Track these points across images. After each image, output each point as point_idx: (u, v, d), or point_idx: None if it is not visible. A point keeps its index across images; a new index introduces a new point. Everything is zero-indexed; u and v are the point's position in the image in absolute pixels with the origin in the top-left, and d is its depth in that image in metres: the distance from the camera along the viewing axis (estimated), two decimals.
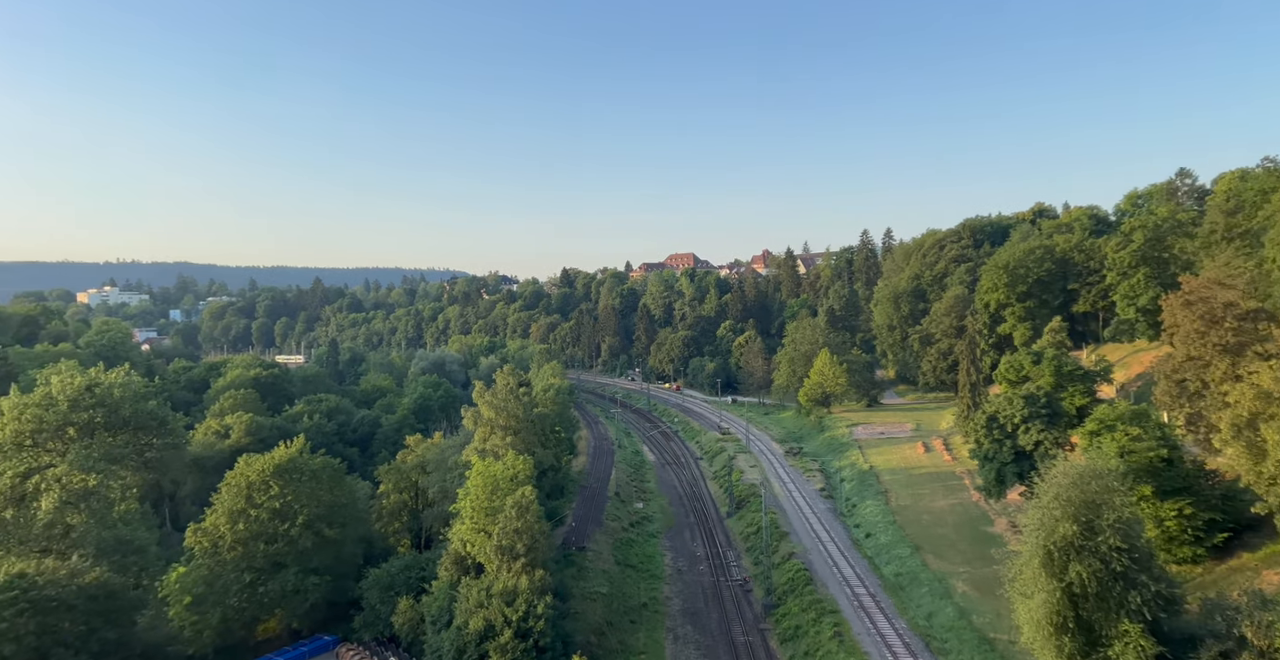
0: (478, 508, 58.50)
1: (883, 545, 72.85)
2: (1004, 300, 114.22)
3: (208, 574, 58.14)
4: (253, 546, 59.64)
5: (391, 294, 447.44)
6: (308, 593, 59.64)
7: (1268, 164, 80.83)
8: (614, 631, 61.66)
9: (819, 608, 60.12)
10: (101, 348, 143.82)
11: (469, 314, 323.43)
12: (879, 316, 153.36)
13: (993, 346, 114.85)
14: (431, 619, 54.23)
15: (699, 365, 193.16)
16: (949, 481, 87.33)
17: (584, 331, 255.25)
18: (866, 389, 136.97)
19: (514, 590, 50.13)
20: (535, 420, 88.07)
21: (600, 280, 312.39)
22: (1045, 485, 37.38)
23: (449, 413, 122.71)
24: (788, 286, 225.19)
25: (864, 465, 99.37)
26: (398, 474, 78.41)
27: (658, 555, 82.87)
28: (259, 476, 62.05)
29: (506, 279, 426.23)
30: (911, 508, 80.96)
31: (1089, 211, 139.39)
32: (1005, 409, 69.66)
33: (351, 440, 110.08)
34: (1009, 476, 69.55)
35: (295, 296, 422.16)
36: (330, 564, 63.06)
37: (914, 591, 61.62)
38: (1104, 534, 33.97)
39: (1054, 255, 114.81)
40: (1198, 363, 49.19)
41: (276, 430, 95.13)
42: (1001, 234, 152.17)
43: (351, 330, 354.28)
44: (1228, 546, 48.86)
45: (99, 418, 71.54)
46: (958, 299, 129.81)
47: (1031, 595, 35.62)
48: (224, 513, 60.59)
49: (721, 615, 65.63)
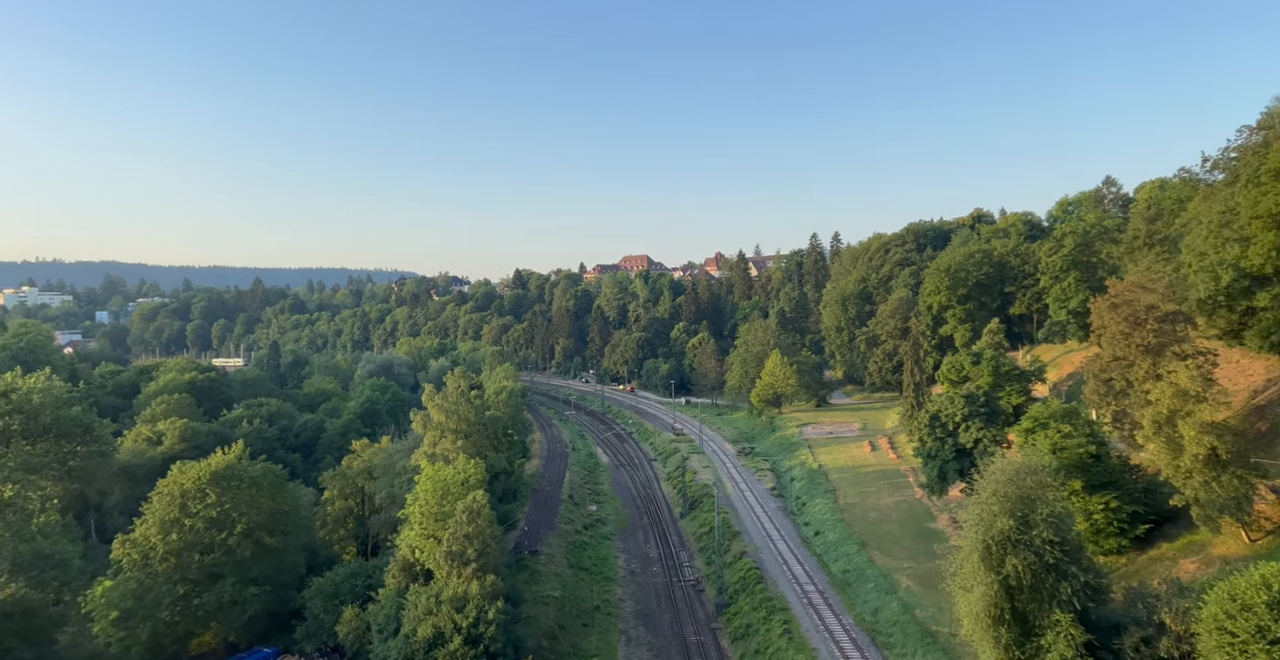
0: (427, 513, 57.38)
1: (831, 543, 74.43)
2: (945, 302, 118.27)
3: (137, 587, 55.66)
4: (187, 557, 57.33)
5: (337, 295, 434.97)
6: (246, 604, 57.57)
7: (1184, 174, 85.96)
8: (566, 635, 61.28)
9: (769, 606, 61.02)
10: (19, 351, 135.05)
11: (418, 316, 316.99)
12: (827, 318, 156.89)
13: (935, 347, 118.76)
14: (378, 627, 52.89)
15: (653, 367, 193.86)
16: (894, 479, 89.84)
17: (538, 333, 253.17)
18: (816, 389, 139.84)
19: (464, 596, 49.31)
20: (487, 423, 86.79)
21: (554, 282, 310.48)
22: (984, 482, 38.81)
23: (397, 417, 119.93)
24: (740, 289, 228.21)
25: (813, 464, 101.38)
26: (343, 480, 76.34)
27: (611, 557, 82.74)
28: (194, 484, 59.72)
29: (457, 280, 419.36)
30: (859, 505, 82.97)
31: (1024, 217, 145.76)
32: (947, 408, 72.10)
33: (294, 446, 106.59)
34: (951, 473, 71.99)
35: (234, 297, 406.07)
36: (271, 573, 61.08)
37: (861, 587, 63.16)
38: (1038, 528, 35.46)
39: (992, 259, 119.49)
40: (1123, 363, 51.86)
41: (214, 436, 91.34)
42: (943, 238, 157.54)
43: (294, 332, 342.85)
44: (1149, 537, 51.67)
45: (15, 425, 67.29)
46: (902, 301, 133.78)
47: (971, 588, 36.90)
48: (155, 523, 58.11)
49: (674, 616, 65.94)
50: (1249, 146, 58.41)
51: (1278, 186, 48.01)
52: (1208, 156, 69.64)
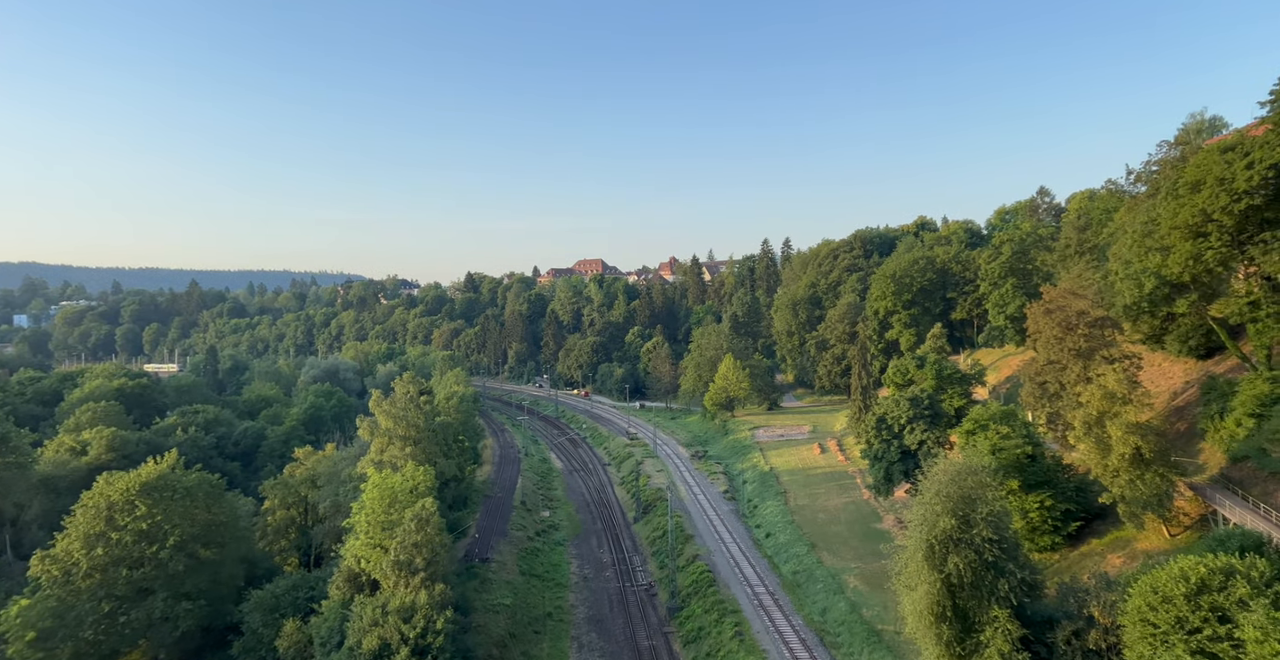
0: (374, 522, 55.85)
1: (782, 544, 75.47)
2: (891, 307, 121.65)
3: (57, 605, 52.43)
4: (113, 573, 54.33)
5: (279, 298, 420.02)
6: (178, 620, 54.96)
7: (1110, 186, 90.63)
8: (517, 643, 60.43)
9: (721, 608, 61.47)
10: None
11: (365, 320, 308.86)
12: (779, 323, 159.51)
13: (882, 351, 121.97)
14: (321, 641, 51.04)
15: (608, 371, 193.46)
16: (843, 481, 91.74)
17: (490, 338, 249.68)
18: (768, 393, 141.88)
19: (412, 606, 48.07)
20: (437, 430, 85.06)
21: (507, 285, 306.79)
22: (928, 482, 39.98)
23: (343, 423, 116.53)
24: (694, 293, 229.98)
25: (765, 467, 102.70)
26: (285, 488, 73.73)
27: (564, 563, 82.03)
28: (122, 496, 56.68)
29: (406, 283, 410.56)
30: (809, 507, 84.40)
31: (965, 225, 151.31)
32: (893, 410, 74.10)
33: (232, 454, 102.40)
34: (896, 475, 73.97)
35: (168, 301, 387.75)
36: (206, 587, 58.49)
37: (810, 588, 64.21)
38: (978, 527, 36.72)
39: (935, 266, 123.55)
40: (1056, 366, 54.18)
41: (145, 445, 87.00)
42: (889, 245, 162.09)
43: (234, 337, 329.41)
44: (1080, 534, 54.12)
45: None
46: (850, 306, 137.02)
47: (915, 587, 37.93)
48: (79, 537, 54.95)
49: (626, 621, 65.74)
50: (1168, 160, 61.95)
51: (1194, 199, 50.95)
52: (1132, 169, 73.48)
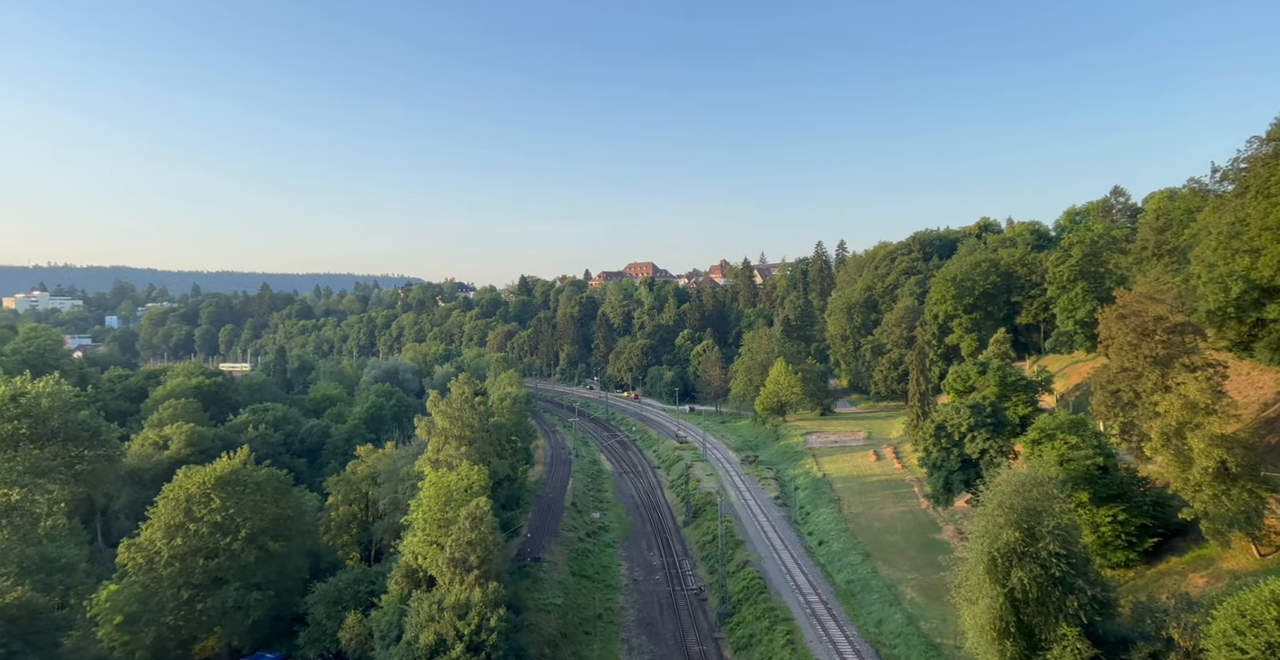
0: (430, 519, 57.35)
1: (835, 553, 74.01)
2: (952, 312, 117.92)
3: (141, 591, 55.62)
4: (191, 562, 57.27)
5: (343, 301, 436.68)
6: (250, 609, 57.44)
7: (1193, 185, 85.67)
8: (568, 643, 61.03)
9: (772, 616, 60.67)
10: (29, 355, 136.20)
11: (424, 321, 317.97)
12: (833, 326, 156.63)
13: (941, 356, 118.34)
14: (380, 634, 52.78)
15: (657, 374, 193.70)
16: (899, 489, 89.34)
17: (542, 340, 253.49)
18: (820, 398, 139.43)
19: (466, 603, 49.16)
20: (491, 430, 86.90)
21: (559, 288, 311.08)
22: (990, 493, 38.59)
23: (402, 422, 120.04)
24: (745, 296, 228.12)
25: (818, 473, 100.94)
26: (347, 485, 76.34)
27: (614, 565, 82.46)
28: (199, 489, 59.73)
29: (463, 286, 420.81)
30: (863, 515, 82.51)
31: (1031, 227, 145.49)
32: (953, 418, 71.76)
33: (299, 451, 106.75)
34: (956, 484, 71.56)
35: (241, 303, 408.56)
36: (274, 579, 61.01)
37: (865, 598, 62.74)
38: (1044, 540, 35.22)
39: (999, 269, 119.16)
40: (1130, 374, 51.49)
41: (219, 441, 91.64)
42: (949, 247, 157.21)
43: (301, 338, 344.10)
44: (1157, 551, 51.21)
45: (24, 429, 67.79)
46: (908, 310, 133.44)
47: (976, 601, 36.64)
48: (161, 527, 58.12)
49: (676, 625, 65.60)
50: (1259, 157, 58.20)
51: None
52: (1217, 167, 69.35)
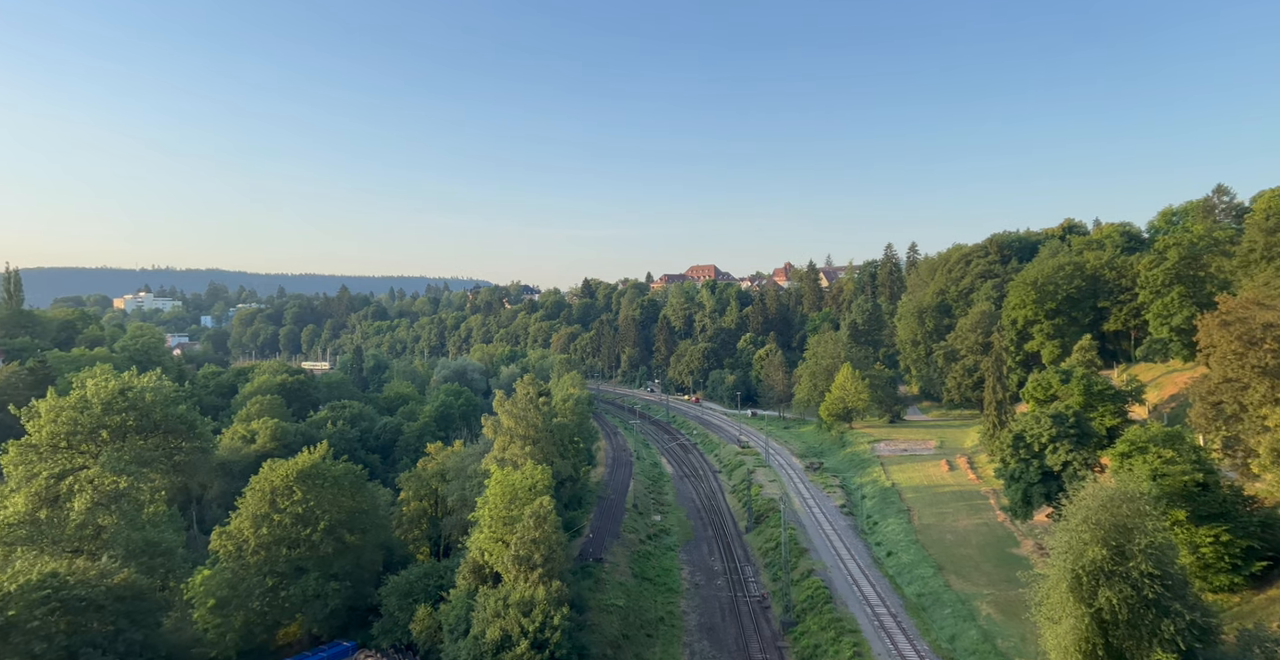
0: (496, 517, 58.61)
1: (905, 564, 71.62)
2: (1032, 317, 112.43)
3: (231, 577, 58.66)
4: (275, 551, 60.04)
5: (415, 302, 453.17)
6: (328, 598, 59.89)
7: None
8: (630, 645, 61.22)
9: (839, 627, 59.18)
10: (135, 352, 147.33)
11: (491, 323, 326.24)
12: (903, 331, 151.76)
13: (1020, 364, 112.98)
14: (449, 627, 54.27)
15: (719, 377, 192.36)
16: (974, 501, 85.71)
17: (604, 342, 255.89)
18: (889, 405, 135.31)
19: (531, 601, 50.03)
20: (554, 430, 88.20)
21: (621, 291, 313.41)
22: (1074, 507, 36.61)
23: (470, 421, 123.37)
24: (810, 300, 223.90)
25: (886, 482, 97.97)
26: (418, 481, 78.86)
27: (675, 569, 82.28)
28: (282, 481, 62.57)
29: (528, 289, 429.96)
30: (935, 527, 79.55)
31: (1121, 228, 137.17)
32: (1032, 428, 68.42)
33: (374, 447, 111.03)
34: (1036, 497, 68.14)
35: (322, 304, 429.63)
36: (350, 570, 63.32)
37: (937, 612, 60.42)
38: (1135, 559, 33.14)
39: (1084, 272, 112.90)
40: (1235, 385, 47.87)
41: (301, 436, 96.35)
42: (1029, 250, 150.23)
43: (376, 338, 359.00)
44: (1266, 576, 47.30)
45: (131, 421, 72.91)
46: (984, 315, 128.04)
47: (1059, 620, 34.78)
48: (248, 517, 61.15)
49: (739, 632, 64.85)
50: None
51: None
52: None
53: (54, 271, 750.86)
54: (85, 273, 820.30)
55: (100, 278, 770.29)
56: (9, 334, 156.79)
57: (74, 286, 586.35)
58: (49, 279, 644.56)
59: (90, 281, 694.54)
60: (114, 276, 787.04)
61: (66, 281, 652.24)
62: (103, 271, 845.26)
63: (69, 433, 69.24)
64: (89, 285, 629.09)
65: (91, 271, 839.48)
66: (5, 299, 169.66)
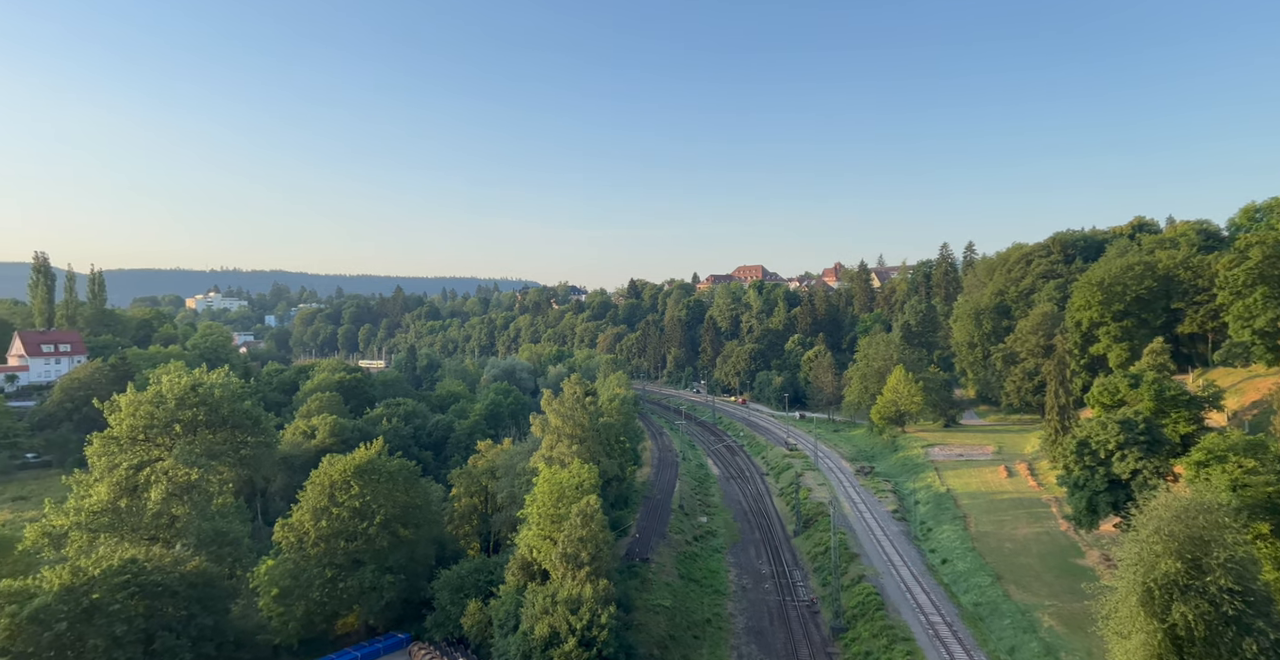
0: (544, 514, 59.20)
1: (960, 572, 69.46)
2: (1098, 319, 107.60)
3: (293, 568, 60.64)
4: (334, 543, 61.79)
5: (467, 303, 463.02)
6: (383, 590, 61.42)
7: None
8: (677, 646, 61.12)
9: (891, 634, 57.81)
10: (205, 350, 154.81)
11: (539, 323, 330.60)
12: (959, 333, 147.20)
13: (1084, 367, 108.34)
14: (499, 623, 55.17)
15: (766, 379, 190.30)
16: (1034, 508, 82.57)
17: (650, 342, 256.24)
18: (944, 408, 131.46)
19: (578, 598, 50.44)
20: (601, 430, 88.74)
21: (667, 292, 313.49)
22: (1144, 518, 34.94)
23: (518, 419, 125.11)
24: (860, 300, 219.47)
25: (940, 488, 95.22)
26: (469, 478, 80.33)
27: (722, 571, 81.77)
28: (341, 476, 64.32)
29: (575, 289, 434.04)
30: (992, 534, 76.91)
31: (1198, 226, 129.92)
32: (1099, 434, 65.49)
33: (426, 443, 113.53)
34: (1102, 506, 65.21)
35: (378, 304, 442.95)
36: (405, 563, 64.69)
37: (995, 623, 58.38)
38: (1213, 573, 31.41)
39: (1155, 272, 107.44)
40: None
41: (358, 432, 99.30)
42: (1095, 249, 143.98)
43: (429, 337, 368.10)
44: None
45: (201, 416, 76.27)
46: (1046, 316, 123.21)
47: (1129, 635, 33.23)
48: (309, 510, 63.07)
49: (788, 636, 64.01)
50: None
51: None
52: None
53: (132, 273, 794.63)
54: (160, 274, 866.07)
55: (173, 279, 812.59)
56: (94, 332, 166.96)
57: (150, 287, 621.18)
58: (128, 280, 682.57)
59: (165, 282, 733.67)
60: (186, 278, 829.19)
61: (143, 282, 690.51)
62: (176, 273, 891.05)
63: (146, 426, 72.98)
64: (163, 286, 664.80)
65: (166, 273, 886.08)
66: (90, 299, 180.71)
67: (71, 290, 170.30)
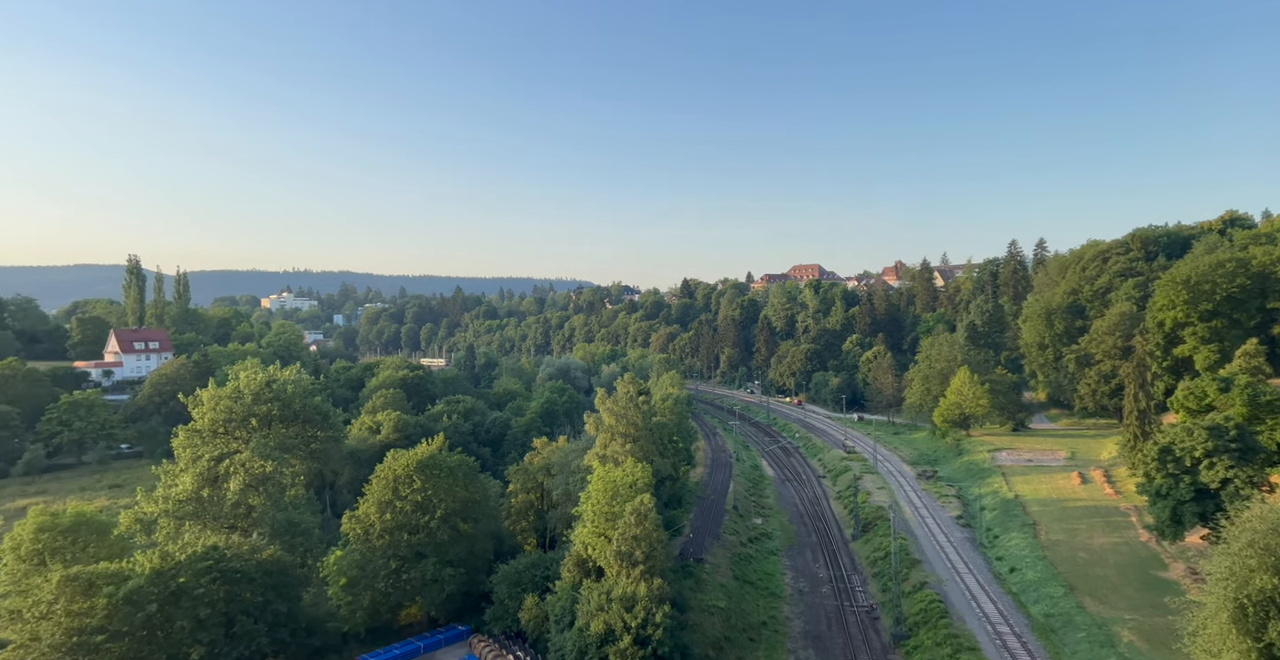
0: (598, 512, 59.52)
1: (1030, 582, 66.55)
2: (1183, 319, 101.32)
3: (360, 559, 62.72)
4: (398, 536, 63.57)
5: (523, 303, 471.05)
6: (444, 583, 62.85)
7: None
8: (732, 647, 60.67)
9: (956, 643, 55.87)
10: (279, 348, 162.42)
11: (593, 323, 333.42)
12: (1028, 334, 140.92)
13: (1167, 370, 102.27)
14: (555, 618, 55.81)
15: (822, 380, 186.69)
16: (1111, 517, 78.44)
17: (703, 342, 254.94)
18: (1012, 412, 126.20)
19: (633, 597, 50.52)
20: (654, 429, 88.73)
21: (720, 291, 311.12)
22: (1236, 530, 32.76)
23: (572, 418, 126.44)
24: (922, 300, 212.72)
25: (1008, 494, 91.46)
26: (525, 475, 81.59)
27: (778, 573, 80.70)
28: (404, 470, 66.04)
29: (629, 289, 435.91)
30: (1065, 543, 73.41)
31: None
32: (1184, 441, 61.71)
33: (484, 440, 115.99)
34: (1187, 516, 61.44)
35: (439, 304, 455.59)
36: (464, 557, 65.96)
37: (1069, 636, 55.70)
38: None
39: (1249, 269, 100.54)
40: None
41: (420, 428, 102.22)
42: (1180, 246, 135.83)
43: (487, 336, 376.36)
44: None
45: (275, 411, 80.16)
46: (1124, 316, 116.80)
47: (1218, 654, 31.23)
48: (374, 503, 65.09)
49: (846, 642, 62.67)
50: None
51: None
52: None
53: (213, 274, 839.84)
54: (238, 275, 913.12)
55: (250, 279, 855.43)
56: (179, 330, 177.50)
57: (229, 287, 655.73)
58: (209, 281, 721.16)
59: (242, 283, 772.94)
60: (261, 278, 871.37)
61: (222, 283, 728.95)
62: (252, 274, 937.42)
63: (225, 420, 77.18)
64: (241, 286, 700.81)
65: (243, 274, 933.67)
66: (176, 299, 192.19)
67: (159, 291, 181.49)
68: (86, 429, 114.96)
